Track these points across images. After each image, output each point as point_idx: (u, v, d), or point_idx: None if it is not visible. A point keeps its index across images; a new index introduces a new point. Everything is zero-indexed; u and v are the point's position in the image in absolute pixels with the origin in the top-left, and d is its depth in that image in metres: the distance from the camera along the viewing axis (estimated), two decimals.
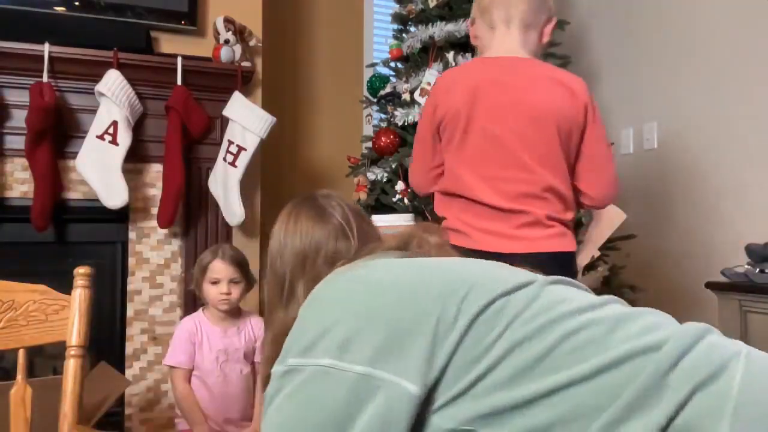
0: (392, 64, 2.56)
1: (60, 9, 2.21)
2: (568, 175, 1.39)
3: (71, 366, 1.05)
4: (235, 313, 1.94)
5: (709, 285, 2.13)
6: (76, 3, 2.23)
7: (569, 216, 1.39)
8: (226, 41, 2.38)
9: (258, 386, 1.98)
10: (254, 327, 1.96)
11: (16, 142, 2.14)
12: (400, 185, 2.23)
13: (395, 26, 2.61)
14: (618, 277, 2.22)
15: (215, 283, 1.86)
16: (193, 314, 1.95)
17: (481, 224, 1.34)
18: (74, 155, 2.18)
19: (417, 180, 1.56)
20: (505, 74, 1.37)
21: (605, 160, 1.44)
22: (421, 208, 2.13)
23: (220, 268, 1.85)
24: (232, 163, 2.35)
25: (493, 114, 1.34)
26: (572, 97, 1.36)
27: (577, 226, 2.12)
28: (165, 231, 2.34)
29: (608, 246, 2.18)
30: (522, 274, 0.70)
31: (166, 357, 1.89)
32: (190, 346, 1.85)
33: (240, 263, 1.90)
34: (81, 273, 1.08)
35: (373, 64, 2.83)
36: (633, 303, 0.92)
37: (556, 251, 1.34)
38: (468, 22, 1.56)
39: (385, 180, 2.36)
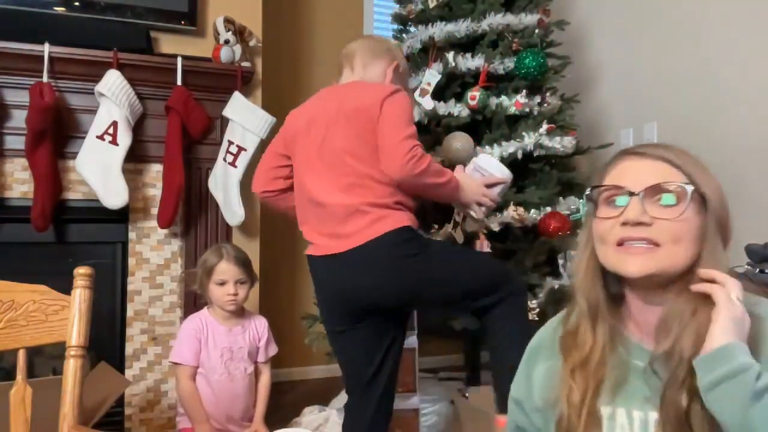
0: None
1: (60, 9, 2.21)
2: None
3: (71, 366, 1.05)
4: (239, 312, 1.95)
5: None
6: (76, 3, 2.23)
7: (393, 198, 1.49)
8: (226, 41, 2.38)
9: (260, 385, 1.98)
10: (258, 326, 1.97)
11: (16, 142, 2.14)
12: None
13: (395, 26, 2.61)
14: None
15: (222, 284, 1.86)
16: (198, 312, 1.96)
17: (321, 229, 1.52)
18: (74, 155, 2.18)
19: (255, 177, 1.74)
20: (328, 96, 1.61)
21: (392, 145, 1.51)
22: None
23: (226, 270, 1.87)
24: (232, 163, 2.35)
25: (318, 127, 1.55)
26: (373, 95, 1.52)
27: (577, 226, 2.12)
28: (165, 231, 2.34)
29: None
30: None
31: (172, 354, 1.89)
32: (195, 343, 1.86)
33: (245, 263, 1.92)
34: (81, 273, 1.08)
35: None
36: None
37: (380, 235, 1.45)
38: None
39: None
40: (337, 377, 3.08)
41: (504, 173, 1.67)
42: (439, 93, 2.22)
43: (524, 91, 2.19)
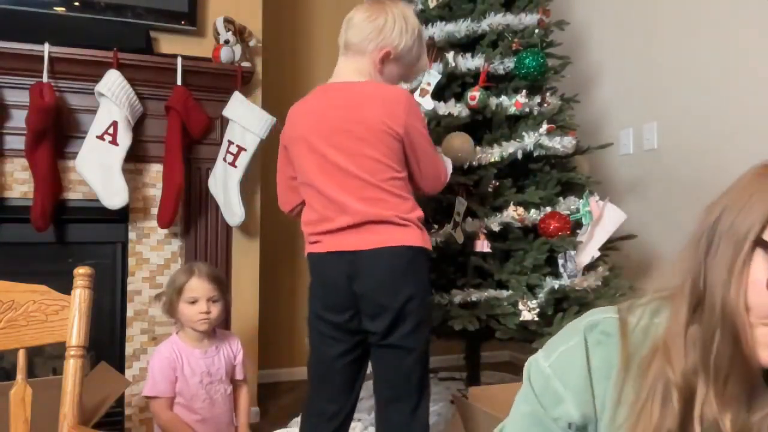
0: None
1: (60, 9, 2.21)
2: (399, 178, 1.53)
3: (71, 366, 1.04)
4: (212, 332, 1.86)
5: None
6: (76, 3, 2.23)
7: (414, 214, 1.52)
8: (226, 41, 2.39)
9: (240, 401, 1.91)
10: (232, 345, 1.90)
11: (16, 142, 2.14)
12: None
13: None
14: (618, 277, 2.22)
15: (193, 302, 1.77)
16: (168, 340, 1.84)
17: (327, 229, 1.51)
18: (74, 155, 2.18)
19: (279, 195, 1.69)
20: (336, 99, 1.54)
21: (430, 162, 1.60)
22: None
23: (197, 287, 1.77)
24: (232, 163, 2.35)
25: (325, 137, 1.51)
26: (392, 115, 1.50)
27: (577, 226, 2.12)
28: (165, 231, 2.34)
29: (608, 246, 2.17)
30: None
31: (146, 388, 1.78)
32: (171, 372, 1.76)
33: (218, 280, 1.84)
34: (81, 273, 1.08)
35: None
36: None
37: (407, 245, 1.47)
38: None
39: None
40: None
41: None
42: (439, 93, 2.22)
43: (524, 91, 2.19)
